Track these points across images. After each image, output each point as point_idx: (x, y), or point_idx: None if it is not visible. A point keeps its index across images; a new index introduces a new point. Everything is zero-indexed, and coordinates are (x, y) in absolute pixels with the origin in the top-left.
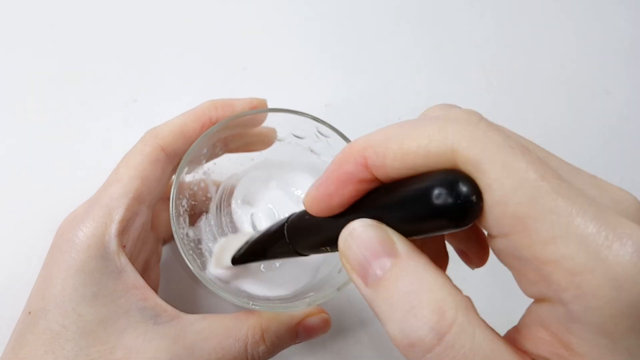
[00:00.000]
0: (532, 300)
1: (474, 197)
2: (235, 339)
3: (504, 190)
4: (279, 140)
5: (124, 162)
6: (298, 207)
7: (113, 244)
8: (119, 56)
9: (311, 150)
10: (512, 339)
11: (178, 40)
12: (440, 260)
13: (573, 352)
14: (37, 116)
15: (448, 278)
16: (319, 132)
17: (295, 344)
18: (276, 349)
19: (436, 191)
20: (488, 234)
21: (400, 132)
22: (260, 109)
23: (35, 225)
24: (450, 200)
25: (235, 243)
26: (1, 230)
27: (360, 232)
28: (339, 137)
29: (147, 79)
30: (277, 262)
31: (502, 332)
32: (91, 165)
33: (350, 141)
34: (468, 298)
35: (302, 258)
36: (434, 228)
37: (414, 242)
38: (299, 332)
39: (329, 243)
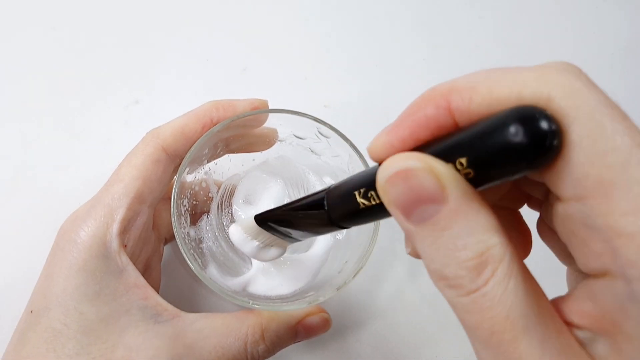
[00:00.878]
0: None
1: (553, 127)
2: (235, 338)
3: (594, 149)
4: (280, 140)
5: (125, 163)
6: None
7: (114, 243)
8: (120, 58)
9: (312, 151)
10: (556, 306)
11: (179, 42)
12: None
13: (621, 331)
14: (39, 117)
15: (498, 221)
16: (320, 133)
17: (295, 343)
18: (276, 348)
19: (511, 121)
20: (557, 197)
21: (490, 77)
22: (261, 110)
23: (37, 224)
24: (526, 128)
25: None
26: (3, 229)
27: (405, 174)
28: (339, 138)
29: (148, 81)
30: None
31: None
32: (93, 166)
33: (350, 142)
34: (512, 245)
35: (302, 258)
36: (504, 164)
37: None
38: (299, 331)
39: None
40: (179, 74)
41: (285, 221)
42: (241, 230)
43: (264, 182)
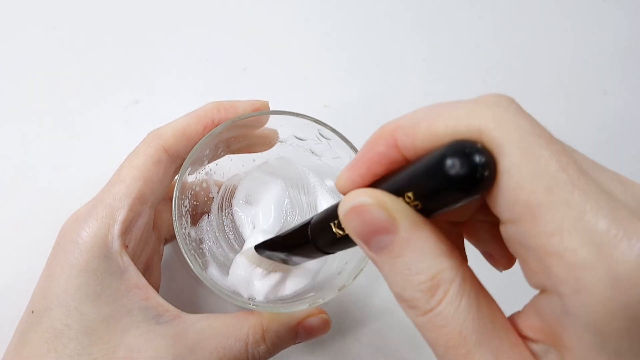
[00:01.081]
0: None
1: (482, 159)
2: (236, 339)
3: (521, 176)
4: (281, 141)
5: (126, 163)
6: (299, 208)
7: (116, 244)
8: (121, 58)
9: (312, 152)
10: (513, 321)
11: (179, 42)
12: None
13: (562, 343)
14: (39, 117)
15: (449, 247)
16: (320, 134)
17: (295, 344)
18: (276, 349)
19: (444, 154)
20: (499, 219)
21: (429, 114)
22: (262, 111)
23: (39, 225)
24: (459, 162)
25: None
26: (4, 230)
27: (359, 209)
28: (339, 139)
29: (148, 81)
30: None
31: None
32: (94, 166)
33: (350, 144)
34: (465, 267)
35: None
36: (444, 195)
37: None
38: (299, 332)
39: None
40: (179, 74)
41: (280, 249)
42: (245, 260)
43: (264, 182)
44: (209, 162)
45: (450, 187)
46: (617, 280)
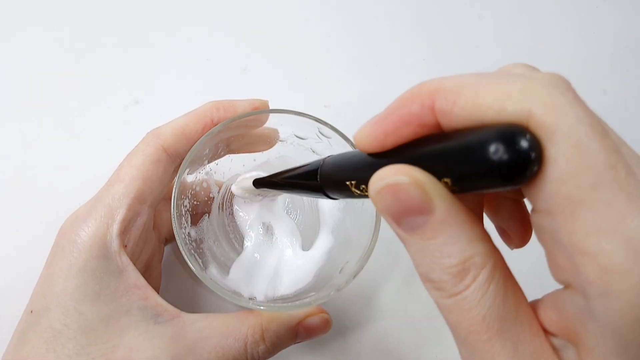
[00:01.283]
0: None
1: (532, 154)
2: (235, 339)
3: (567, 168)
4: (281, 141)
5: (126, 163)
6: (300, 207)
7: (115, 243)
8: (121, 58)
9: (313, 151)
10: (534, 311)
11: (179, 42)
12: None
13: (581, 342)
14: (39, 117)
15: (482, 231)
16: (321, 133)
17: (295, 343)
18: (276, 349)
19: (492, 143)
20: (532, 206)
21: (477, 82)
22: (262, 110)
23: (38, 224)
24: (506, 151)
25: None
26: (3, 229)
27: (394, 188)
28: (340, 138)
29: (148, 81)
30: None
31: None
32: (93, 166)
33: (351, 142)
34: (497, 253)
35: (302, 259)
36: (486, 186)
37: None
38: (299, 332)
39: (366, 183)
40: (179, 74)
41: (281, 186)
42: (241, 191)
43: None
44: (209, 162)
45: (494, 178)
46: None
